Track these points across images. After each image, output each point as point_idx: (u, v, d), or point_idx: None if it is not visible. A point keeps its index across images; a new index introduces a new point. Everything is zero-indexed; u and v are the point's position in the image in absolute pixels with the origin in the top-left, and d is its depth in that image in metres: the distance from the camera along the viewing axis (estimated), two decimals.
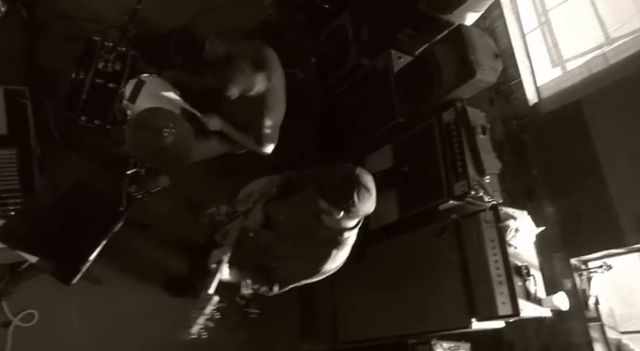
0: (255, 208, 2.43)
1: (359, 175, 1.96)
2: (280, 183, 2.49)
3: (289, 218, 2.31)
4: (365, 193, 1.94)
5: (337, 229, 2.11)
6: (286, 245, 2.26)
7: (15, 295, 2.72)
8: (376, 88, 3.55)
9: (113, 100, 2.86)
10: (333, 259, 2.13)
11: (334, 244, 2.13)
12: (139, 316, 3.02)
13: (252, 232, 2.38)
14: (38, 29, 3.23)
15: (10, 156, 2.49)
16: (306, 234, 2.19)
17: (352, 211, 1.95)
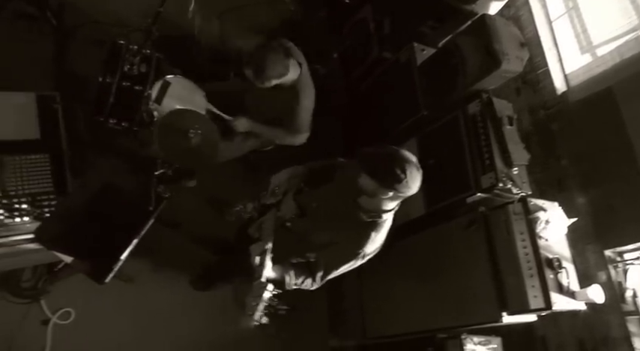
0: (285, 199, 2.44)
1: (406, 155, 1.97)
2: (304, 173, 2.50)
3: (323, 205, 2.31)
4: (414, 170, 1.94)
5: (375, 212, 2.11)
6: (323, 232, 2.26)
7: (52, 294, 2.81)
8: (400, 81, 3.52)
9: (140, 102, 2.91)
10: (372, 241, 2.13)
11: (372, 227, 2.13)
12: (169, 313, 3.08)
13: (288, 222, 2.40)
14: (66, 36, 3.31)
15: (44, 160, 2.55)
16: (342, 219, 2.19)
17: (402, 189, 1.94)
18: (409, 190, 1.96)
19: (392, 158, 1.96)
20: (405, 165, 1.92)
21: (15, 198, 2.43)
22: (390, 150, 2.00)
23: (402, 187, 1.94)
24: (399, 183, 1.92)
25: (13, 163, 2.47)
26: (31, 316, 2.75)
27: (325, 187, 2.39)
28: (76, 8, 3.41)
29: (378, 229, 2.14)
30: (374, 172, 1.97)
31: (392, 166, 1.93)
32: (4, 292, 2.72)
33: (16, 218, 2.40)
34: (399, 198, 2.05)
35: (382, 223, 2.15)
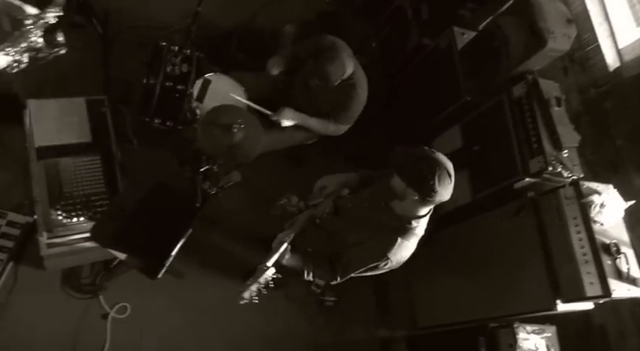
0: (325, 201, 2.43)
1: (439, 159, 1.90)
2: (355, 182, 2.46)
3: (357, 206, 2.29)
4: (446, 177, 1.87)
5: (406, 217, 2.05)
6: (352, 233, 2.24)
7: (109, 289, 2.92)
8: (440, 67, 3.44)
9: (183, 101, 2.99)
10: (399, 247, 2.06)
11: (401, 232, 2.06)
12: (219, 306, 3.15)
13: (319, 219, 2.40)
14: (111, 41, 3.43)
15: (96, 161, 2.66)
16: (373, 222, 2.15)
17: (430, 194, 1.88)
18: (437, 195, 1.88)
19: (423, 160, 1.90)
20: (436, 169, 1.86)
21: (71, 199, 2.55)
22: (423, 152, 1.93)
23: (429, 190, 1.87)
24: (427, 186, 1.86)
25: (69, 166, 2.59)
26: (91, 310, 2.88)
27: (362, 192, 2.36)
28: (119, 15, 3.52)
29: (406, 236, 2.06)
30: (403, 172, 1.92)
31: (421, 169, 1.88)
32: (66, 288, 2.86)
33: (73, 218, 2.52)
34: (429, 203, 1.97)
35: (412, 230, 2.06)
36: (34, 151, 2.59)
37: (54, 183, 2.55)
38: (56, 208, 2.51)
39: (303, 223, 2.35)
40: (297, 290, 3.31)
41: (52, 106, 2.69)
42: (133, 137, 2.97)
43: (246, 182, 2.93)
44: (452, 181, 1.90)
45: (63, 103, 2.73)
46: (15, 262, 2.77)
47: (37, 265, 2.67)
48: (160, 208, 2.50)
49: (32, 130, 2.62)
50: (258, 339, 3.18)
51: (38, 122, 2.63)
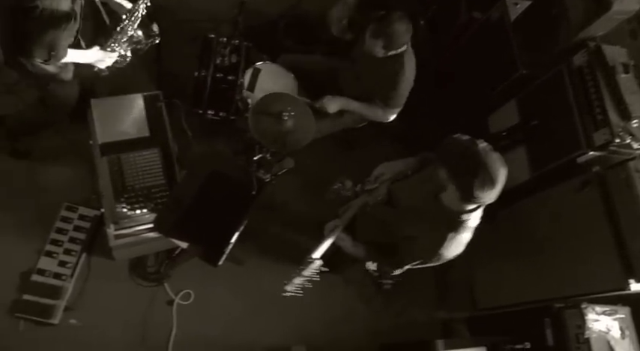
0: (380, 188, 2.39)
1: (485, 159, 1.72)
2: (414, 166, 2.37)
3: (408, 197, 2.24)
4: (487, 182, 1.71)
5: (456, 211, 1.93)
6: (403, 225, 2.18)
7: (173, 277, 3.04)
8: (493, 40, 3.31)
9: (234, 91, 3.03)
10: (450, 242, 1.96)
11: (452, 227, 1.95)
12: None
13: (371, 207, 2.37)
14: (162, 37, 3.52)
15: (155, 155, 2.75)
16: (423, 214, 2.07)
17: (469, 196, 1.76)
18: (475, 199, 1.76)
19: (468, 158, 1.75)
20: (479, 171, 1.70)
21: (134, 192, 2.65)
22: (471, 149, 1.76)
23: (468, 191, 1.75)
24: (466, 187, 1.74)
25: (130, 160, 2.70)
26: (157, 297, 3.01)
27: (415, 177, 2.29)
28: (167, 10, 3.60)
29: (458, 230, 1.95)
30: (447, 165, 1.81)
31: (464, 167, 1.75)
32: (134, 277, 3.00)
33: (136, 210, 2.63)
34: (469, 203, 1.86)
35: (463, 224, 1.94)
36: (97, 147, 2.71)
37: (117, 177, 2.66)
38: (120, 201, 2.62)
39: (355, 211, 2.32)
40: (355, 274, 3.32)
41: (112, 104, 2.81)
42: (187, 129, 3.05)
43: (300, 168, 2.96)
44: (495, 186, 1.73)
45: (122, 101, 2.83)
46: (87, 253, 2.94)
47: (107, 256, 2.83)
48: (217, 198, 2.56)
49: (95, 127, 2.74)
50: (318, 322, 3.23)
51: (100, 120, 2.75)
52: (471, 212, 1.92)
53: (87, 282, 2.91)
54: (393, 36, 2.59)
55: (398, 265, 2.22)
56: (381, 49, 2.64)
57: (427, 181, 2.04)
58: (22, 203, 2.95)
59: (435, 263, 2.09)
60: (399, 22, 2.58)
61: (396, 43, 2.63)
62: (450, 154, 1.82)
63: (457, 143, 1.81)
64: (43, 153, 3.10)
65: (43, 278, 2.81)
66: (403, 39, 2.63)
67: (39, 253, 2.85)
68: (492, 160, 1.73)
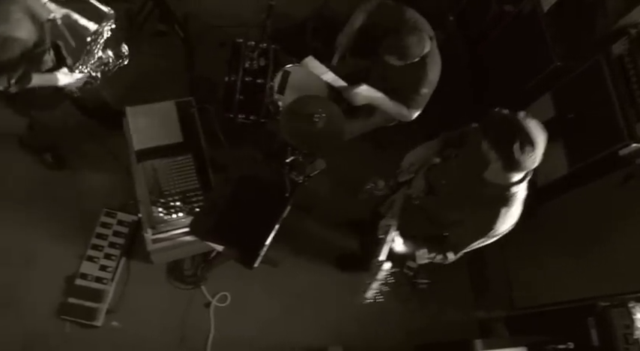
0: (417, 177, 2.38)
1: (523, 123, 1.76)
2: (439, 147, 2.38)
3: (450, 182, 2.22)
4: (527, 146, 1.74)
5: (503, 185, 1.94)
6: (451, 210, 2.17)
7: (210, 280, 3.09)
8: (525, 33, 3.23)
9: (264, 95, 3.06)
10: (504, 217, 1.97)
11: (502, 202, 1.96)
12: (313, 292, 3.22)
13: (416, 199, 2.35)
14: (192, 44, 3.59)
15: (188, 160, 2.80)
16: (469, 196, 2.07)
17: (509, 161, 1.78)
18: (516, 163, 1.77)
19: (506, 123, 1.78)
20: (517, 138, 1.73)
21: (169, 197, 2.70)
22: (510, 115, 1.80)
23: (508, 156, 1.77)
24: (506, 152, 1.76)
25: (165, 166, 2.75)
26: (195, 300, 3.06)
27: (452, 161, 2.28)
28: (197, 18, 3.68)
29: (508, 204, 1.95)
30: (487, 133, 1.84)
31: (502, 132, 1.78)
32: (172, 280, 3.06)
33: (172, 215, 2.68)
34: (512, 170, 1.86)
35: (512, 197, 1.95)
36: (133, 154, 2.78)
37: (153, 183, 2.71)
38: (157, 206, 2.67)
39: (400, 205, 2.31)
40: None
41: (146, 111, 2.87)
42: (220, 134, 3.09)
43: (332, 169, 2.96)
44: (534, 149, 1.75)
45: (155, 108, 2.89)
46: (127, 258, 3.02)
47: (145, 260, 2.90)
48: (251, 200, 2.58)
49: (131, 135, 2.80)
50: (354, 322, 3.22)
51: (135, 127, 2.82)
52: (519, 184, 1.93)
53: (127, 285, 2.99)
54: (405, 50, 2.57)
55: (455, 249, 2.19)
56: (397, 61, 2.63)
57: (469, 162, 2.05)
58: (65, 211, 3.06)
59: (491, 240, 2.08)
60: (410, 36, 2.56)
61: (410, 55, 2.61)
62: (490, 124, 1.85)
63: (496, 113, 1.85)
64: (83, 161, 3.21)
65: (86, 282, 2.91)
66: (417, 51, 2.60)
67: (81, 258, 2.95)
68: (530, 124, 1.76)
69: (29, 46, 2.19)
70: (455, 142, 2.33)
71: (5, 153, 3.13)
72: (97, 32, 2.41)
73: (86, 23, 2.47)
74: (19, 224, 2.99)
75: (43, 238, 2.98)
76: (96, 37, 2.41)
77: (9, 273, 2.89)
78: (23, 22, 2.11)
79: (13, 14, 2.07)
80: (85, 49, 2.44)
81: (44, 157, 3.13)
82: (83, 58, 2.47)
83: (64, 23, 2.44)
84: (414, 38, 2.56)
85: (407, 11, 2.76)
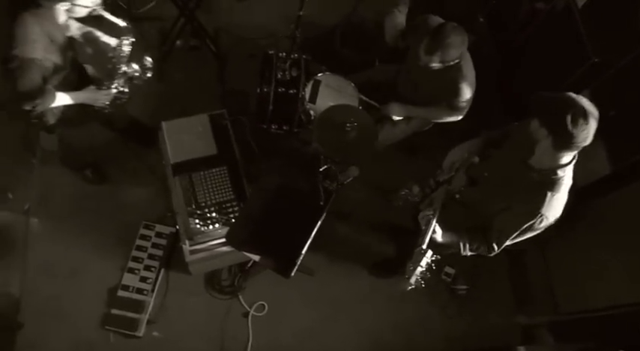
0: (457, 175, 2.36)
1: (575, 98, 1.79)
2: (480, 146, 2.36)
3: (494, 173, 2.19)
4: (580, 118, 1.74)
5: (549, 169, 1.93)
6: (495, 200, 2.14)
7: (247, 289, 3.12)
8: (559, 30, 3.16)
9: (296, 104, 3.08)
10: (550, 201, 1.94)
11: (548, 186, 1.94)
12: (351, 300, 3.20)
13: (457, 194, 2.33)
14: (224, 57, 3.65)
15: (223, 171, 2.84)
16: (515, 183, 2.05)
17: (563, 135, 1.77)
18: (570, 136, 1.77)
19: (557, 98, 1.81)
20: (570, 110, 1.75)
21: (206, 208, 2.74)
22: (562, 95, 1.83)
23: (561, 130, 1.77)
24: (559, 125, 1.77)
25: (200, 178, 2.80)
26: (233, 309, 3.09)
27: (496, 154, 2.25)
28: (227, 31, 3.75)
29: (555, 188, 1.94)
30: (537, 110, 1.86)
31: (553, 105, 1.80)
32: (210, 290, 3.11)
33: (209, 226, 2.71)
34: (565, 147, 1.84)
35: (559, 181, 1.94)
36: (170, 168, 2.83)
37: (189, 195, 2.76)
38: (194, 218, 2.71)
39: (441, 201, 2.28)
40: (427, 279, 3.26)
41: (180, 125, 2.92)
42: (253, 144, 3.12)
43: (365, 176, 2.96)
44: (588, 122, 1.76)
45: (190, 121, 2.94)
46: (165, 269, 3.08)
47: (184, 271, 2.94)
48: (286, 209, 2.59)
49: (167, 148, 2.87)
50: (392, 329, 3.19)
51: (171, 141, 2.87)
52: (565, 167, 1.92)
53: (166, 296, 3.05)
54: (449, 50, 2.50)
55: (499, 237, 2.15)
56: (437, 63, 2.57)
57: (513, 151, 2.05)
58: (106, 224, 3.15)
59: (538, 229, 2.04)
60: (453, 35, 2.48)
61: (452, 55, 2.54)
62: (541, 101, 1.86)
63: (546, 92, 1.87)
64: (122, 176, 3.31)
65: (127, 293, 2.98)
66: (460, 50, 2.53)
67: (123, 270, 3.02)
68: (581, 98, 1.79)
69: (49, 65, 2.23)
70: (496, 141, 2.30)
71: (50, 169, 3.25)
72: (117, 47, 2.45)
73: (107, 39, 2.53)
74: (65, 238, 3.10)
75: (86, 252, 3.07)
76: (117, 52, 2.45)
77: (57, 285, 2.99)
78: (40, 42, 2.15)
79: (30, 35, 2.11)
80: (108, 65, 2.49)
81: (84, 173, 3.23)
82: (108, 74, 2.51)
83: (86, 40, 2.50)
84: (457, 38, 2.50)
85: (429, 18, 2.74)
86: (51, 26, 2.19)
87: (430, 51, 2.51)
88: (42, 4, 2.12)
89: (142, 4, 3.79)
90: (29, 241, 3.08)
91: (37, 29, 2.13)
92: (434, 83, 2.74)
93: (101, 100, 2.53)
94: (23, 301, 2.94)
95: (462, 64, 2.64)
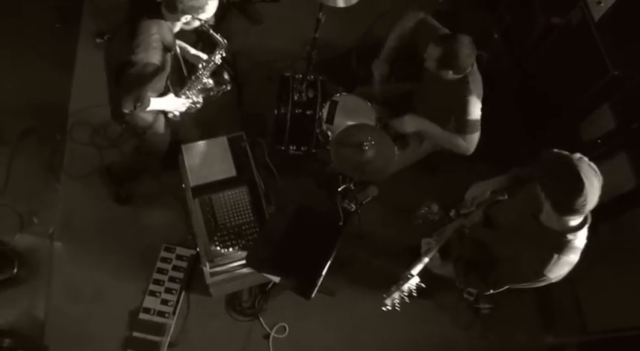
0: (476, 211, 2.31)
1: (574, 164, 1.66)
2: (505, 184, 2.30)
3: (507, 219, 2.14)
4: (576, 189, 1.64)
5: (559, 230, 1.83)
6: (503, 246, 2.09)
7: (267, 311, 3.10)
8: (577, 44, 3.13)
9: (313, 125, 3.10)
10: (555, 264, 1.85)
11: (556, 248, 1.84)
12: (372, 320, 3.16)
13: (468, 229, 2.30)
14: (242, 81, 3.71)
15: (243, 193, 2.86)
16: (525, 235, 1.97)
17: (560, 206, 1.70)
18: (571, 206, 1.68)
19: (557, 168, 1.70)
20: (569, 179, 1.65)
21: (225, 230, 2.76)
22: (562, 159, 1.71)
23: (561, 205, 1.70)
24: (558, 200, 1.70)
25: (220, 200, 2.82)
26: (254, 331, 3.07)
27: (513, 199, 2.19)
28: (244, 55, 3.81)
29: (563, 251, 1.83)
30: (539, 177, 1.77)
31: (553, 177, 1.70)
32: (231, 312, 3.10)
33: (229, 248, 2.72)
34: (572, 214, 1.75)
35: (568, 244, 1.82)
36: (189, 190, 2.86)
37: (209, 217, 2.78)
38: (214, 240, 2.72)
39: (451, 233, 2.27)
40: (449, 298, 3.21)
41: (200, 148, 2.97)
42: (272, 166, 3.14)
43: (384, 195, 2.94)
44: (584, 192, 1.64)
45: (209, 144, 2.98)
46: (186, 291, 3.09)
47: (204, 293, 2.95)
48: (305, 230, 2.60)
49: (186, 171, 2.90)
50: (414, 350, 3.13)
51: (190, 164, 2.91)
52: (576, 231, 1.81)
53: (187, 318, 3.05)
54: (459, 62, 2.52)
55: (494, 285, 2.12)
56: (447, 75, 2.58)
57: (526, 200, 1.97)
58: (128, 246, 3.19)
59: (537, 285, 1.98)
60: (463, 47, 2.50)
61: (463, 67, 2.56)
62: (541, 165, 1.78)
63: (549, 153, 1.77)
64: (143, 198, 3.35)
65: (148, 316, 2.99)
66: (469, 61, 2.55)
67: (144, 293, 3.04)
68: (583, 166, 1.67)
69: (159, 72, 2.33)
70: (524, 180, 2.21)
71: (73, 193, 3.33)
72: (208, 60, 2.57)
73: (197, 52, 2.68)
74: (88, 262, 3.14)
75: (109, 275, 3.10)
76: (207, 64, 2.58)
77: (80, 308, 3.02)
78: (159, 49, 2.26)
79: (152, 43, 2.22)
80: (193, 76, 2.62)
81: (119, 191, 3.29)
82: (191, 84, 2.65)
83: (182, 50, 2.67)
84: (467, 50, 2.52)
85: (442, 30, 2.74)
86: (167, 35, 2.31)
87: (442, 64, 2.54)
88: (165, 15, 2.26)
89: None
90: (53, 265, 3.13)
91: (157, 37, 2.24)
92: (442, 96, 2.73)
93: (180, 108, 2.68)
94: (48, 324, 2.98)
95: (469, 79, 2.64)
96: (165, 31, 2.30)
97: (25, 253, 3.14)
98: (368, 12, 3.85)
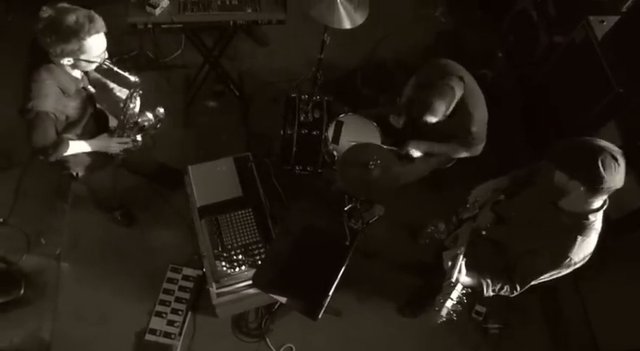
0: (482, 211, 2.32)
1: (600, 143, 1.73)
2: (505, 184, 2.34)
3: (522, 213, 2.15)
4: (611, 162, 1.69)
5: (581, 213, 1.88)
6: (523, 241, 2.09)
7: (274, 331, 3.07)
8: (580, 63, 3.15)
9: (319, 145, 3.12)
10: (579, 246, 1.89)
11: (579, 230, 1.89)
12: (379, 340, 3.13)
13: (484, 230, 2.28)
14: (248, 101, 3.75)
15: (249, 213, 2.86)
16: (544, 226, 2.00)
17: (597, 182, 1.72)
18: (605, 181, 1.71)
19: (582, 148, 1.75)
20: (599, 156, 1.69)
21: (232, 251, 2.75)
22: (581, 140, 1.79)
23: (595, 178, 1.71)
24: (591, 174, 1.71)
25: (226, 220, 2.82)
26: None
27: (524, 194, 2.21)
28: (250, 76, 3.86)
29: (585, 233, 1.89)
30: (563, 164, 1.79)
31: (581, 156, 1.73)
32: (237, 333, 3.07)
33: (235, 268, 2.72)
34: (599, 192, 1.78)
35: (590, 225, 1.89)
36: (196, 211, 2.87)
37: (216, 237, 2.77)
38: (220, 260, 2.72)
39: (467, 238, 2.24)
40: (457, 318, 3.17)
41: (206, 168, 2.98)
42: (278, 186, 3.15)
43: (390, 214, 2.93)
44: (620, 164, 1.71)
45: (215, 164, 3.00)
46: (192, 312, 3.07)
47: (211, 313, 2.93)
48: (312, 251, 2.58)
49: (193, 192, 2.91)
50: None
51: (197, 185, 2.92)
52: (597, 211, 1.88)
53: (193, 340, 3.02)
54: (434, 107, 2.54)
55: (521, 282, 2.10)
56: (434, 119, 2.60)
57: (542, 192, 2.01)
58: (134, 267, 3.19)
59: (563, 272, 2.00)
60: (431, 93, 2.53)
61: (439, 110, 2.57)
62: (563, 152, 1.82)
63: (564, 142, 1.83)
64: (149, 219, 3.36)
65: (154, 337, 2.97)
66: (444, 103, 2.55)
67: (150, 314, 3.03)
68: (606, 143, 1.74)
69: (62, 118, 2.27)
70: (522, 179, 2.28)
71: (80, 215, 3.34)
72: (127, 99, 2.49)
73: (118, 92, 2.57)
74: (94, 283, 3.14)
75: (115, 296, 3.10)
76: (127, 104, 2.49)
77: (86, 329, 3.00)
78: (52, 96, 2.18)
79: (42, 89, 2.15)
80: (120, 116, 2.54)
81: (114, 215, 3.30)
82: (120, 123, 2.55)
83: (101, 91, 2.55)
84: (434, 93, 2.53)
85: (441, 60, 2.77)
86: (64, 80, 2.23)
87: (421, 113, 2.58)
88: (53, 60, 2.17)
89: (169, 53, 3.95)
90: (60, 286, 3.13)
91: (49, 83, 2.17)
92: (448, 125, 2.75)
93: (114, 147, 2.56)
94: (53, 345, 2.96)
95: (467, 103, 2.66)
96: (62, 76, 2.22)
97: (32, 274, 3.14)
98: (373, 32, 3.91)
